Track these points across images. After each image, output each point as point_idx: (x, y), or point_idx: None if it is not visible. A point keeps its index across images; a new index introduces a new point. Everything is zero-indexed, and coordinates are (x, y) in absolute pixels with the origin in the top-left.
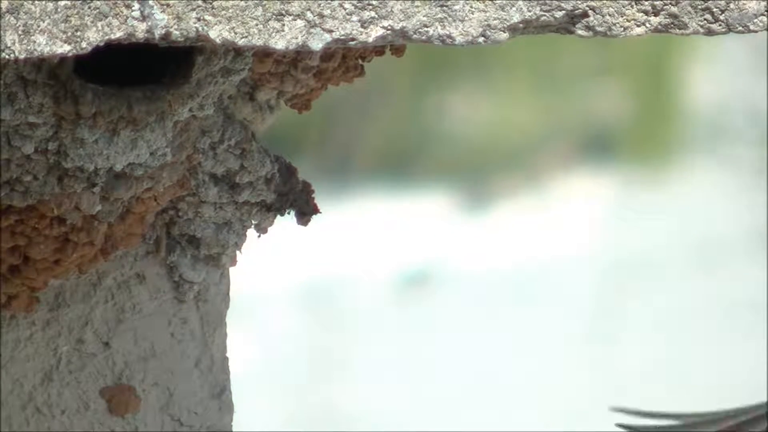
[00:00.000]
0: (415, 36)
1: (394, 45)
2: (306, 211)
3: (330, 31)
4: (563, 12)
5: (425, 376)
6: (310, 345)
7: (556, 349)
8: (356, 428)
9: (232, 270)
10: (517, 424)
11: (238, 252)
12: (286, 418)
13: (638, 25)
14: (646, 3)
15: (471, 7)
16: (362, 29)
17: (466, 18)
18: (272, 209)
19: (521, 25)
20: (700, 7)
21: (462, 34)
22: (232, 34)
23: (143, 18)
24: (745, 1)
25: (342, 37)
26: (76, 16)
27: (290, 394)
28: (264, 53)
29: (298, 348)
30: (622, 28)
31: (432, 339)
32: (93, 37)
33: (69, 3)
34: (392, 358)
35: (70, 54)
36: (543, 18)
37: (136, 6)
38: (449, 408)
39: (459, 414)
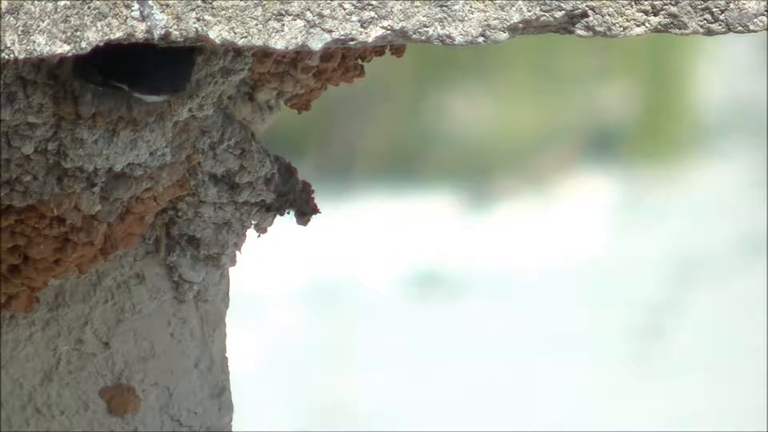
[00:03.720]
0: (414, 36)
1: (394, 45)
2: (306, 211)
3: (330, 31)
4: (563, 12)
5: (428, 376)
6: (312, 346)
7: (557, 348)
8: (360, 428)
9: (236, 270)
10: (517, 424)
11: (237, 252)
12: (288, 418)
13: (638, 25)
14: (646, 3)
15: (471, 7)
16: (362, 29)
17: (465, 18)
18: (272, 209)
19: (521, 25)
20: (699, 7)
21: (462, 34)
22: (232, 34)
23: (143, 18)
24: (745, 1)
25: (342, 37)
26: (76, 16)
27: (291, 395)
28: (264, 53)
29: (300, 349)
30: (622, 28)
31: (434, 339)
32: (92, 37)
33: (69, 3)
34: (394, 358)
35: (70, 54)
36: (543, 18)
37: (136, 6)
38: (452, 407)
39: (461, 413)
